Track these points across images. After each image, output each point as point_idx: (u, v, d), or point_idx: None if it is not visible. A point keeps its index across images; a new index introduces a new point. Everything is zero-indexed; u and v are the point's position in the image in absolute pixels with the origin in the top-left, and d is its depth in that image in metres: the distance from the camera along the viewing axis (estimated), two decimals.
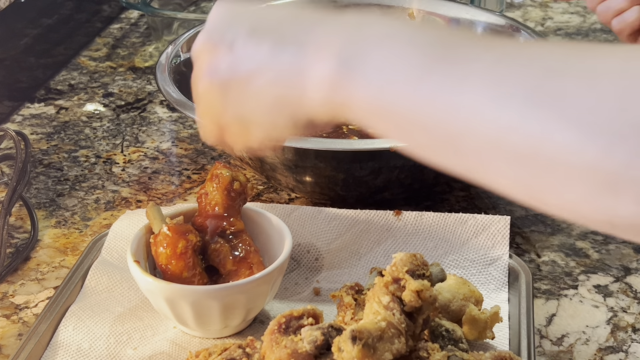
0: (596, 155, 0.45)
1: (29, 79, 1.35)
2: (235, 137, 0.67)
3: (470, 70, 0.51)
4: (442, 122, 0.52)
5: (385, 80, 0.54)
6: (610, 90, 0.45)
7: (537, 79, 0.48)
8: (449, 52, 0.53)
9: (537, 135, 0.47)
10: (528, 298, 0.82)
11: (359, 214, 0.90)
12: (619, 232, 0.48)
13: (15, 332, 0.83)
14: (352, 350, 0.59)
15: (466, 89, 0.50)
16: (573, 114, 0.46)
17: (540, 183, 0.48)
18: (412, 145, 0.56)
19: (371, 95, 0.55)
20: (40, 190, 1.06)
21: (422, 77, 0.52)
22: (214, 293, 0.75)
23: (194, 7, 1.55)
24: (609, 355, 0.79)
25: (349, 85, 0.56)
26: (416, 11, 1.20)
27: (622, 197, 0.45)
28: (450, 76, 0.51)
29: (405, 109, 0.53)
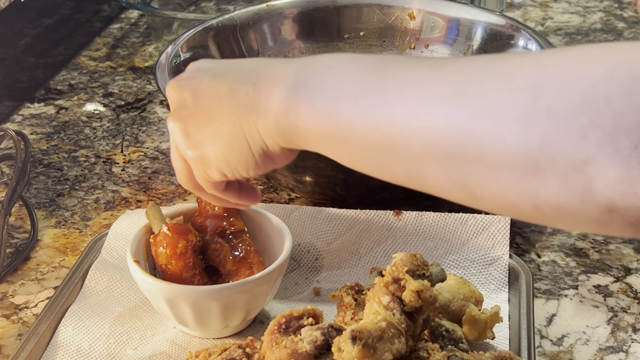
0: (516, 142, 0.48)
1: (29, 79, 1.35)
2: (200, 175, 0.70)
3: (404, 82, 0.55)
4: (381, 133, 0.56)
5: (327, 102, 0.59)
6: (523, 84, 0.49)
7: (462, 82, 0.52)
8: (385, 70, 0.57)
9: (464, 131, 0.51)
10: (528, 298, 0.82)
11: (359, 214, 0.90)
12: (548, 220, 0.50)
13: (15, 332, 0.83)
14: (352, 351, 0.59)
15: (400, 99, 0.54)
16: (492, 108, 0.49)
17: (472, 177, 0.52)
18: (358, 162, 0.60)
19: (316, 118, 0.59)
20: (40, 190, 1.06)
21: (361, 94, 0.57)
22: (214, 293, 0.75)
23: (194, 7, 1.55)
24: (609, 356, 0.79)
25: (297, 110, 0.60)
26: (416, 11, 1.20)
27: (545, 179, 0.48)
28: (386, 90, 0.56)
29: (347, 127, 0.58)
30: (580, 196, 0.47)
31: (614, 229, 0.48)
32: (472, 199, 0.54)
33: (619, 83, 0.45)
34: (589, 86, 0.46)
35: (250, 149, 0.66)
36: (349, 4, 1.21)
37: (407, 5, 1.20)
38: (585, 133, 0.46)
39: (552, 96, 0.47)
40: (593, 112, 0.45)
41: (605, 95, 0.45)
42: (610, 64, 0.46)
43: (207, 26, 1.13)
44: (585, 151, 0.46)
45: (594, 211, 0.47)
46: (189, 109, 0.69)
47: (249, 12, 1.17)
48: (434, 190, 0.57)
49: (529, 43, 1.10)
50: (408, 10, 1.20)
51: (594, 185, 0.46)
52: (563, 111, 0.46)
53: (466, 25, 1.16)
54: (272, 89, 0.63)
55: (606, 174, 0.45)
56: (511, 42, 1.12)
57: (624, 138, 0.45)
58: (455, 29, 1.17)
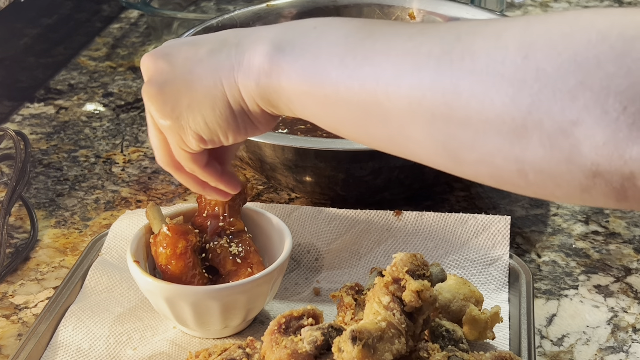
0: (504, 103, 0.47)
1: (29, 79, 1.35)
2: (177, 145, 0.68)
3: (391, 42, 0.54)
4: (366, 92, 0.54)
5: (311, 60, 0.58)
6: (513, 44, 0.48)
7: (450, 42, 0.51)
8: (372, 30, 0.56)
9: (450, 92, 0.50)
10: (528, 298, 0.82)
11: (359, 214, 0.90)
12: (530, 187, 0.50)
13: (14, 332, 0.83)
14: (352, 351, 0.59)
15: (387, 58, 0.53)
16: (481, 68, 0.49)
17: (456, 140, 0.51)
18: (339, 124, 0.59)
19: (299, 76, 0.58)
20: (39, 190, 1.06)
21: (346, 54, 0.56)
22: (214, 293, 0.75)
23: (193, 6, 1.55)
24: (609, 356, 0.79)
25: (280, 67, 0.59)
26: (416, 11, 1.20)
27: (530, 141, 0.47)
28: (372, 49, 0.55)
29: (331, 86, 0.56)
30: (566, 159, 0.46)
31: (596, 197, 0.47)
32: (455, 163, 0.53)
33: (610, 44, 0.45)
34: (580, 47, 0.46)
35: (231, 108, 0.64)
36: (349, 4, 1.21)
37: (407, 5, 1.20)
38: (574, 94, 0.45)
39: (541, 56, 0.47)
40: (583, 73, 0.45)
41: (596, 56, 0.45)
42: (601, 26, 0.46)
43: (207, 26, 1.13)
44: (574, 112, 0.45)
45: (578, 175, 0.46)
46: (165, 75, 0.66)
47: (249, 12, 1.17)
48: (415, 154, 0.56)
49: None
50: (408, 10, 1.20)
51: (580, 148, 0.45)
52: (553, 71, 0.46)
53: None
54: (255, 48, 0.61)
55: (593, 136, 0.45)
56: None
57: (613, 100, 0.44)
58: None
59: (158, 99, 0.66)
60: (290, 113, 0.62)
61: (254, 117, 0.65)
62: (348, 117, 0.57)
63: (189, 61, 0.65)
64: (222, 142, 0.67)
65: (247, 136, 0.67)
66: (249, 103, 0.63)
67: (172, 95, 0.65)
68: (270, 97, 0.61)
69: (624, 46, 0.44)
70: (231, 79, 0.63)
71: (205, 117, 0.65)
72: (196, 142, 0.66)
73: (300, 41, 0.59)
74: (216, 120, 0.65)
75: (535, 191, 0.50)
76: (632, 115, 0.44)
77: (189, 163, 0.70)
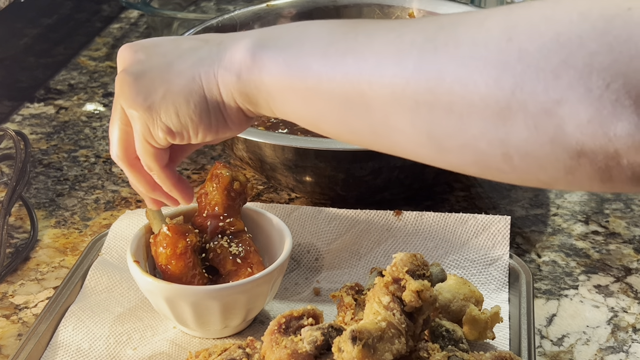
0: (487, 86, 0.47)
1: (29, 79, 1.35)
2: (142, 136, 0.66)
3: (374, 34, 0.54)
4: (348, 83, 0.54)
5: (293, 54, 0.57)
6: (496, 28, 0.48)
7: (432, 32, 0.51)
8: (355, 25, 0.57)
9: (434, 77, 0.50)
10: (528, 298, 0.82)
11: (359, 214, 0.90)
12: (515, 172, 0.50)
13: (14, 332, 0.83)
14: (352, 351, 0.59)
15: (370, 48, 0.53)
16: (464, 53, 0.49)
17: (440, 127, 0.51)
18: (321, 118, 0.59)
19: (281, 69, 0.58)
20: (39, 190, 1.06)
21: (329, 46, 0.56)
22: (214, 293, 0.75)
23: (193, 6, 1.55)
24: (609, 356, 0.79)
25: (262, 62, 0.59)
26: (416, 11, 1.20)
27: (515, 123, 0.47)
28: (355, 41, 0.55)
29: (313, 78, 0.56)
30: (550, 139, 0.46)
31: (581, 179, 0.47)
32: (439, 152, 0.53)
33: (591, 23, 0.45)
34: (562, 27, 0.46)
35: (207, 103, 0.63)
36: (349, 4, 1.21)
37: (407, 5, 1.20)
38: (557, 73, 0.45)
39: (524, 37, 0.47)
40: (566, 52, 0.45)
41: (578, 35, 0.45)
42: (582, 7, 0.46)
43: (207, 26, 1.13)
44: (557, 92, 0.45)
45: (563, 156, 0.46)
46: (141, 65, 0.65)
47: (249, 12, 1.17)
48: (399, 146, 0.55)
49: None
50: (408, 10, 1.20)
51: (565, 128, 0.46)
52: (535, 52, 0.46)
53: None
54: (237, 44, 0.61)
55: (577, 115, 0.45)
56: None
57: (596, 77, 0.44)
58: None
59: (132, 88, 0.64)
60: (269, 111, 0.61)
61: (228, 115, 0.64)
62: (330, 111, 0.57)
63: (169, 55, 0.65)
64: (191, 138, 0.65)
65: (216, 135, 0.66)
66: (226, 99, 0.63)
67: (146, 85, 0.64)
68: (250, 93, 0.61)
69: (605, 25, 0.45)
70: (210, 73, 0.62)
71: (179, 109, 0.63)
72: (164, 135, 0.65)
73: (283, 37, 0.59)
74: (189, 114, 0.63)
75: (519, 176, 0.50)
76: (616, 92, 0.44)
77: (150, 159, 0.68)
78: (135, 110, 0.65)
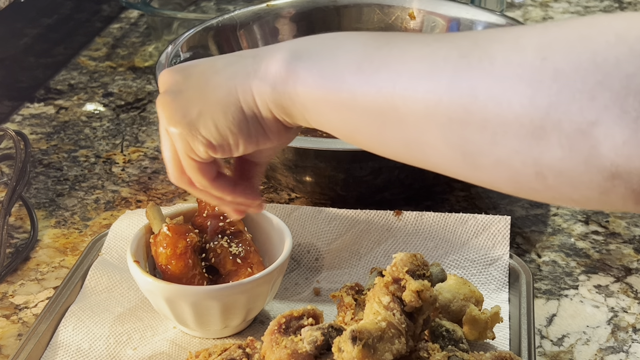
0: (522, 105, 0.47)
1: (29, 79, 1.35)
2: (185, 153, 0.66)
3: (408, 48, 0.54)
4: (382, 97, 0.54)
5: (328, 66, 0.58)
6: (531, 46, 0.48)
7: (467, 48, 0.51)
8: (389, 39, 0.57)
9: (468, 94, 0.50)
10: (528, 298, 0.82)
11: (359, 214, 0.90)
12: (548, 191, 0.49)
13: (15, 332, 0.83)
14: (353, 351, 0.59)
15: (404, 63, 0.54)
16: (499, 70, 0.48)
17: (473, 144, 0.51)
18: (354, 131, 0.59)
19: (315, 82, 0.58)
20: (40, 190, 1.06)
21: (363, 60, 0.56)
22: (214, 293, 0.75)
23: (193, 6, 1.55)
24: (609, 356, 0.79)
25: (297, 74, 0.59)
26: (416, 11, 1.20)
27: (549, 142, 0.47)
28: (389, 55, 0.55)
29: (347, 92, 0.56)
30: (584, 160, 0.46)
31: (615, 200, 0.47)
32: (472, 169, 0.52)
33: (629, 46, 0.45)
34: (599, 48, 0.46)
35: (244, 114, 0.63)
36: (349, 4, 1.21)
37: (407, 5, 1.20)
38: (593, 94, 0.45)
39: (560, 57, 0.46)
40: (602, 73, 0.45)
41: (615, 56, 0.45)
42: (619, 28, 0.46)
43: (207, 26, 1.13)
44: (593, 113, 0.45)
45: (597, 177, 0.46)
46: (179, 85, 0.66)
47: (249, 12, 1.17)
48: (431, 161, 0.55)
49: None
50: (408, 10, 1.20)
51: (599, 149, 0.45)
52: (571, 72, 0.46)
53: (466, 25, 1.16)
54: (272, 56, 0.62)
55: (612, 137, 0.45)
56: None
57: (632, 100, 0.44)
58: (455, 29, 1.17)
59: (170, 107, 0.65)
60: (305, 122, 0.62)
61: (267, 126, 0.64)
62: (364, 124, 0.57)
63: (205, 73, 0.66)
64: (232, 151, 0.66)
65: (258, 146, 0.66)
66: (262, 110, 0.63)
67: (184, 103, 0.65)
68: (285, 104, 0.61)
69: None
70: (246, 85, 0.63)
71: (217, 122, 0.64)
72: (205, 149, 0.65)
73: (317, 49, 0.60)
74: (227, 125, 0.64)
75: (553, 195, 0.50)
76: None
77: (196, 174, 0.68)
78: (175, 128, 0.65)
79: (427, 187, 1.02)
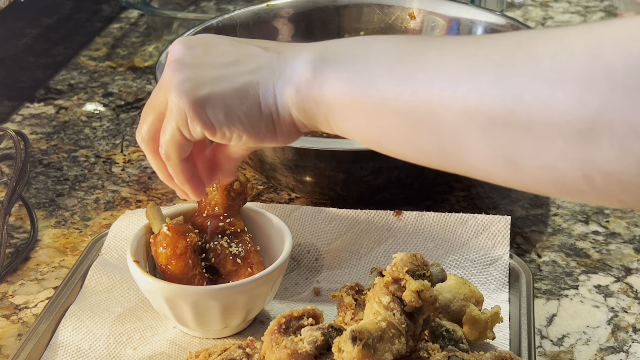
0: (571, 105, 0.46)
1: (29, 79, 1.35)
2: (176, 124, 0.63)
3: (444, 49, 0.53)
4: (418, 100, 0.53)
5: (357, 69, 0.56)
6: (579, 45, 0.46)
7: (509, 48, 0.49)
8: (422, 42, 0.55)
9: (512, 95, 0.48)
10: (528, 298, 0.82)
11: (359, 214, 0.90)
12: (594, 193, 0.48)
13: (14, 332, 0.83)
14: (353, 351, 0.59)
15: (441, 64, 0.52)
16: (545, 71, 0.47)
17: (517, 147, 0.49)
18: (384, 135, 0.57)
19: (344, 85, 0.56)
20: (39, 190, 1.06)
21: (395, 61, 0.54)
22: (214, 293, 0.75)
23: (193, 6, 1.55)
24: (609, 356, 0.79)
25: (324, 76, 0.57)
26: (416, 11, 1.20)
27: (599, 143, 0.45)
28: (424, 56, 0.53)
29: (378, 95, 0.54)
30: (637, 161, 0.45)
31: None
32: (514, 172, 0.51)
33: None
34: None
35: (260, 110, 0.61)
36: (349, 4, 1.21)
37: (407, 5, 1.20)
38: None
39: (611, 55, 0.45)
40: None
41: None
42: None
43: (207, 26, 1.13)
44: None
45: None
46: (198, 59, 0.63)
47: (249, 12, 1.17)
48: (469, 165, 0.53)
49: None
50: (408, 10, 1.20)
51: None
52: (623, 70, 0.44)
53: (466, 25, 1.16)
54: (298, 57, 0.60)
55: None
56: None
57: None
58: (455, 29, 1.17)
59: (182, 75, 0.62)
60: (327, 127, 0.60)
61: (280, 127, 0.63)
62: (395, 129, 0.55)
63: (228, 56, 0.63)
64: (231, 139, 0.64)
65: (260, 143, 0.64)
66: (281, 111, 0.61)
67: (198, 77, 0.62)
68: (308, 108, 0.60)
69: None
70: (269, 83, 0.61)
71: (229, 108, 0.61)
72: (201, 130, 0.63)
73: (346, 51, 0.58)
74: (239, 116, 0.62)
75: (600, 196, 0.49)
76: None
77: (173, 148, 0.65)
78: (178, 98, 0.62)
79: (427, 187, 1.02)
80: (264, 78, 0.61)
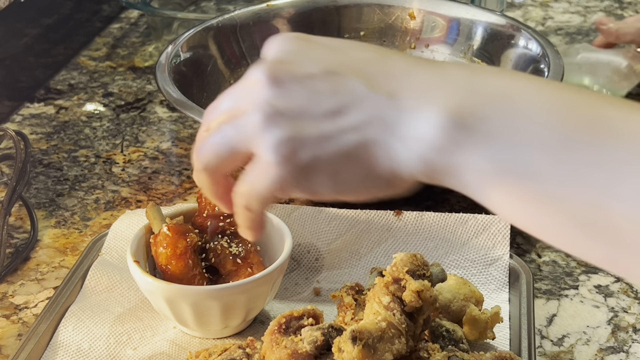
0: None
1: (29, 79, 1.35)
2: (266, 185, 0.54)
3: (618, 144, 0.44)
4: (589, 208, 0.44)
5: (506, 147, 0.46)
6: None
7: None
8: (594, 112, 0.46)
9: None
10: (529, 298, 0.82)
11: (359, 214, 0.90)
12: None
13: (15, 332, 0.83)
14: (353, 351, 0.59)
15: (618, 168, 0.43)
16: None
17: None
18: (532, 223, 0.49)
19: (491, 164, 0.47)
20: (40, 190, 1.06)
21: (564, 145, 0.45)
22: (214, 293, 0.75)
23: (193, 6, 1.55)
24: (609, 356, 0.79)
25: (463, 149, 0.48)
26: (416, 11, 1.20)
27: None
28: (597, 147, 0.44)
29: (532, 182, 0.46)
30: None
31: None
32: None
33: None
34: None
35: (374, 173, 0.51)
36: (349, 4, 1.21)
37: (407, 5, 1.20)
38: None
39: None
40: None
41: None
42: None
43: (207, 26, 1.13)
44: None
45: None
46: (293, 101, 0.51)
47: (249, 12, 1.17)
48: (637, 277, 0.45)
49: (529, 43, 1.10)
50: (408, 10, 1.20)
51: None
52: None
53: (466, 25, 1.16)
54: (421, 111, 0.48)
55: None
56: (511, 42, 1.12)
57: None
58: (455, 29, 1.17)
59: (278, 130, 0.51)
60: (463, 190, 0.51)
61: (392, 184, 0.53)
62: (555, 225, 0.47)
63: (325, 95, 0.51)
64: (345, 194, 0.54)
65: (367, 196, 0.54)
66: (397, 171, 0.51)
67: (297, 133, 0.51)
68: (438, 175, 0.50)
69: None
70: (382, 142, 0.50)
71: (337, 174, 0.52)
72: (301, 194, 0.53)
73: (491, 116, 0.47)
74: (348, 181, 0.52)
75: None
76: None
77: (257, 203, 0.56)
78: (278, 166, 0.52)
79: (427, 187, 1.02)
80: (376, 136, 0.50)
